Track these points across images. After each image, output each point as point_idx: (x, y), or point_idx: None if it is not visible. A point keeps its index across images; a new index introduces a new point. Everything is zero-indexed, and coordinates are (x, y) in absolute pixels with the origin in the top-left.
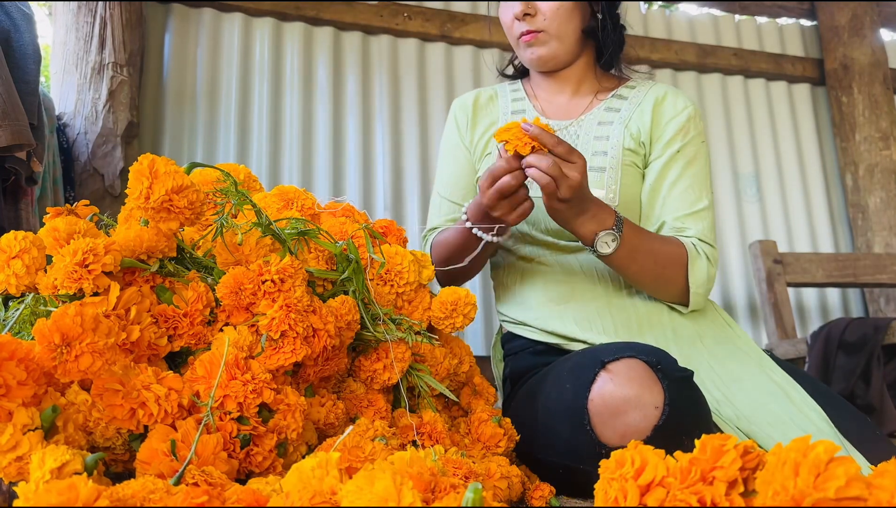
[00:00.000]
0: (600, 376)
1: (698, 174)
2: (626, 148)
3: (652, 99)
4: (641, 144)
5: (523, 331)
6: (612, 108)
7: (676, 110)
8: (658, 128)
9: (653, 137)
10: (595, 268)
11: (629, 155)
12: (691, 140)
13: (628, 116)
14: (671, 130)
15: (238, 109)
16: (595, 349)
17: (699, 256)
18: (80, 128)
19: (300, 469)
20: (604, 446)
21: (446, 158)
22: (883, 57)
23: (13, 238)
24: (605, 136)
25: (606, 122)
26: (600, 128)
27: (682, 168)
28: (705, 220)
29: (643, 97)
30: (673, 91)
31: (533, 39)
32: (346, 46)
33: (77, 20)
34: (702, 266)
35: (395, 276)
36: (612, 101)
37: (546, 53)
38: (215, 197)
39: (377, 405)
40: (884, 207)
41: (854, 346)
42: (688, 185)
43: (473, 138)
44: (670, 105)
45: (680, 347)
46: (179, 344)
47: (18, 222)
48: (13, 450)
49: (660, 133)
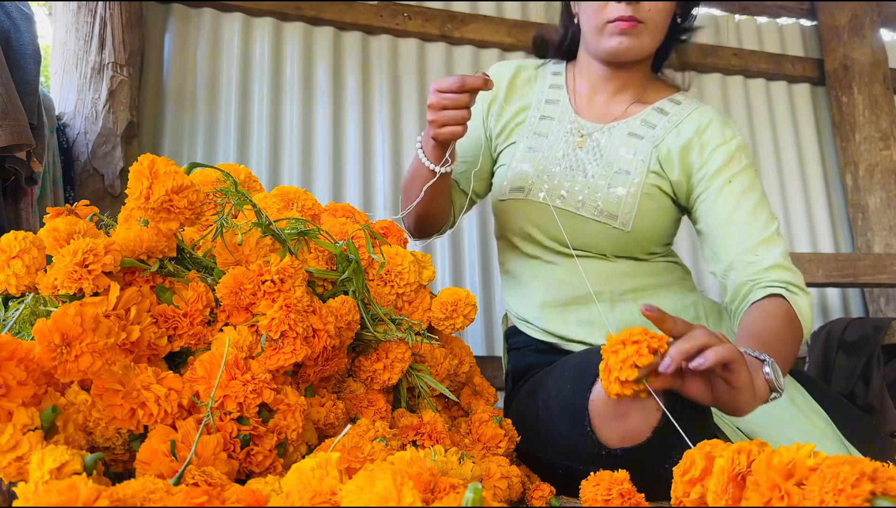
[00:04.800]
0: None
1: (759, 201)
2: (652, 170)
3: (695, 123)
4: (670, 169)
5: (526, 328)
6: (648, 121)
7: (725, 138)
8: (700, 156)
9: (693, 165)
10: (601, 272)
11: (653, 178)
12: (743, 170)
13: (662, 136)
14: (718, 159)
15: (238, 109)
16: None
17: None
18: (80, 128)
19: (300, 469)
20: (604, 447)
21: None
22: (883, 57)
23: (13, 238)
24: (632, 152)
25: (637, 135)
26: (629, 140)
27: (737, 199)
28: (779, 245)
29: (684, 117)
30: (720, 119)
31: (632, 28)
32: (346, 46)
33: (77, 20)
34: (804, 305)
35: (395, 277)
36: (651, 113)
37: (636, 46)
38: (215, 197)
39: (377, 405)
40: (884, 207)
41: (854, 346)
42: (750, 214)
43: (498, 123)
44: (717, 133)
45: None
46: (179, 344)
47: (18, 222)
48: (13, 450)
49: (702, 162)
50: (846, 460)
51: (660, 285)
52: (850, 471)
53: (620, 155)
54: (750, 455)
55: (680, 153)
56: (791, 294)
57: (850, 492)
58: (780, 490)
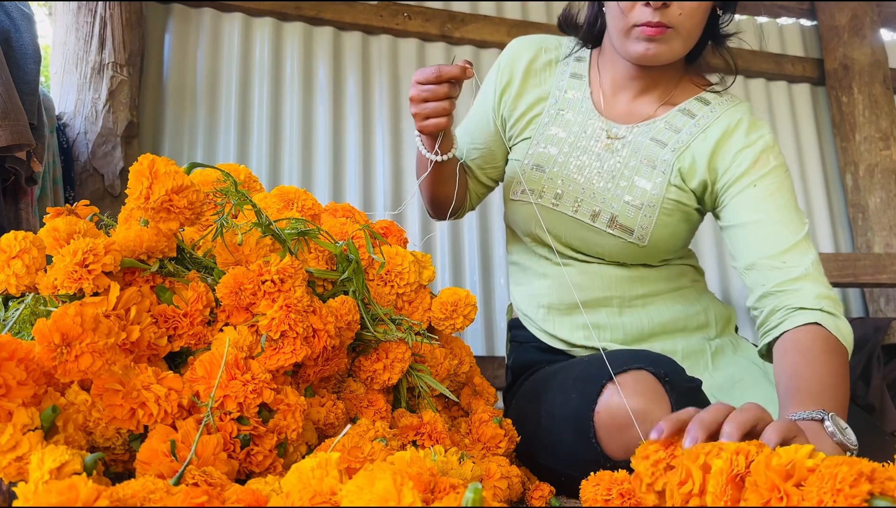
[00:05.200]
0: (607, 388)
1: (787, 205)
2: (672, 184)
3: (723, 125)
4: (692, 177)
5: (530, 325)
6: (673, 124)
7: (749, 141)
8: (724, 160)
9: (718, 168)
10: (611, 277)
11: (673, 192)
12: (771, 171)
13: (687, 141)
14: (744, 162)
15: (238, 109)
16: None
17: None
18: (80, 128)
19: (300, 469)
20: (609, 459)
21: (475, 108)
22: (883, 57)
23: (13, 238)
24: (653, 161)
25: (661, 141)
26: (652, 146)
27: (762, 202)
28: (809, 253)
29: (714, 120)
30: (749, 119)
31: (659, 35)
32: (345, 46)
33: (77, 20)
34: (844, 329)
35: (395, 277)
36: (677, 116)
37: (666, 52)
38: (215, 197)
39: (377, 405)
40: (884, 207)
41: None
42: (777, 219)
43: (512, 114)
44: (742, 134)
45: (685, 355)
46: (179, 344)
47: (18, 222)
48: (13, 450)
49: (727, 166)
50: (844, 460)
51: (670, 291)
52: (849, 472)
53: (641, 165)
54: (748, 455)
55: (707, 159)
56: (829, 317)
57: (848, 492)
58: (779, 491)
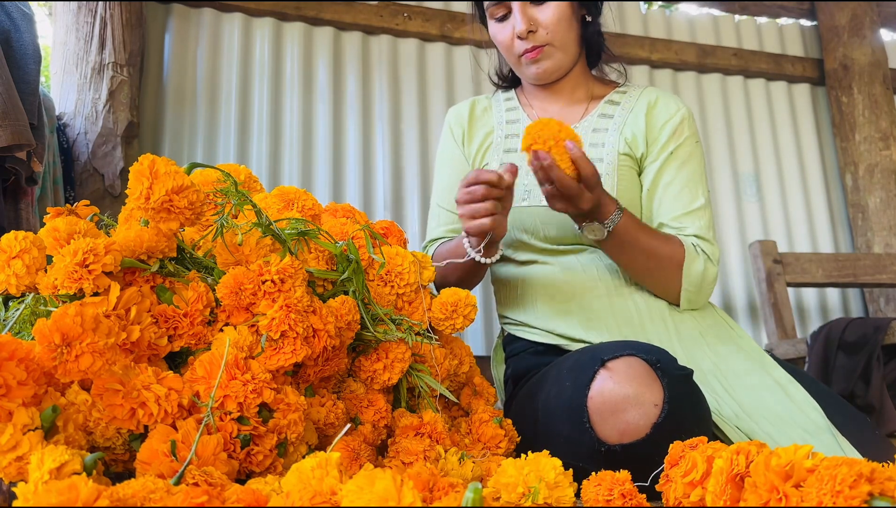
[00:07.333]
0: (600, 374)
1: (693, 174)
2: (622, 153)
3: (645, 104)
4: (636, 149)
5: (525, 333)
6: (605, 114)
7: (669, 114)
8: (653, 132)
9: (648, 140)
10: (596, 266)
11: (625, 159)
12: (685, 141)
13: (622, 122)
14: (665, 133)
15: (238, 109)
16: (595, 348)
17: (697, 256)
18: (80, 128)
19: (300, 469)
20: (603, 444)
21: (443, 167)
22: (883, 57)
23: (13, 238)
24: (601, 142)
25: (601, 128)
26: (595, 135)
27: (676, 170)
28: (702, 218)
29: (635, 102)
30: (665, 95)
31: (539, 55)
32: (346, 46)
33: (77, 20)
34: (698, 267)
35: (395, 277)
36: (606, 106)
37: (552, 66)
38: (215, 197)
39: (377, 405)
40: (884, 207)
41: (854, 346)
42: (683, 185)
43: (471, 151)
44: (663, 109)
45: (682, 344)
46: (179, 344)
47: (18, 222)
48: (13, 450)
49: (654, 137)
50: (844, 461)
51: None
52: (848, 472)
53: (591, 148)
54: (748, 456)
55: (643, 132)
56: (692, 250)
57: (847, 493)
58: (779, 492)
